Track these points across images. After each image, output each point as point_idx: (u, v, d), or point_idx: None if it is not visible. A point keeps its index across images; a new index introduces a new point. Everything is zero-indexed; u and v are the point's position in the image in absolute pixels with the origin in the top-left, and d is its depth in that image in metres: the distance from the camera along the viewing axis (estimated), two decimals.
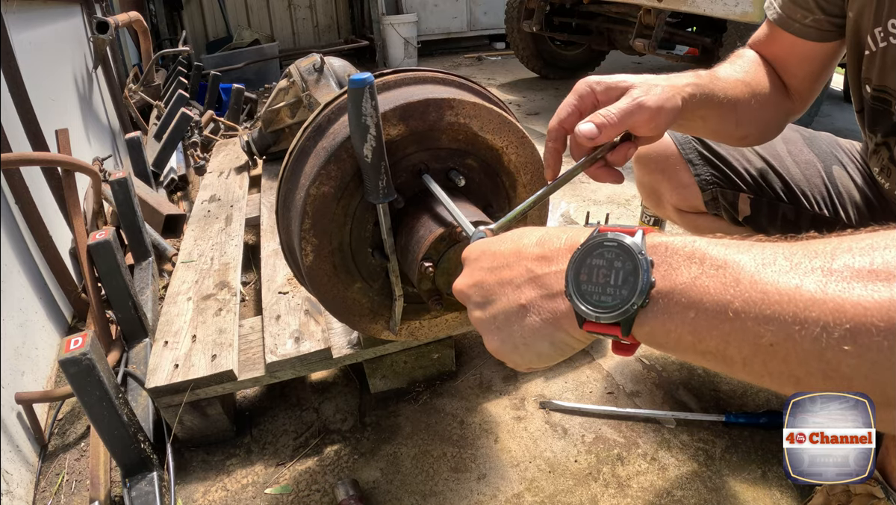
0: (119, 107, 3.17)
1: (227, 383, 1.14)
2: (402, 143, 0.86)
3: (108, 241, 1.29)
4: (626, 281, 0.40)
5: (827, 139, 1.12)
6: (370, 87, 0.75)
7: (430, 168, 0.89)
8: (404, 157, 0.88)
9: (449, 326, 1.10)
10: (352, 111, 0.77)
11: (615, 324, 0.41)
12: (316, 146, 0.89)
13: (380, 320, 1.03)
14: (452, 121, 0.86)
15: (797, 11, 0.86)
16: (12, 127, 1.57)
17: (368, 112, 0.76)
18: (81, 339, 0.92)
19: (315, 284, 0.94)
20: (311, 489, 1.11)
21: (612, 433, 1.19)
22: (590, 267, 0.42)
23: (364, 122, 0.76)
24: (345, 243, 0.92)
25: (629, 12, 3.27)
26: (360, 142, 0.78)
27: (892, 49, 0.77)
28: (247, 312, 1.67)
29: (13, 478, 1.08)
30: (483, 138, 0.90)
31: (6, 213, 1.42)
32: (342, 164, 0.85)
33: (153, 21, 4.93)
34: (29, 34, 2.01)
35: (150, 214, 1.96)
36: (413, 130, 0.85)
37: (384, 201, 0.84)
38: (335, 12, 6.27)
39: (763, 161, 1.06)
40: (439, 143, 0.88)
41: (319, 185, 0.85)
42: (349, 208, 0.89)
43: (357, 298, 0.99)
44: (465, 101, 0.86)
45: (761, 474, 1.08)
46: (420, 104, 0.84)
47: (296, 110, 2.12)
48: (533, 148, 0.95)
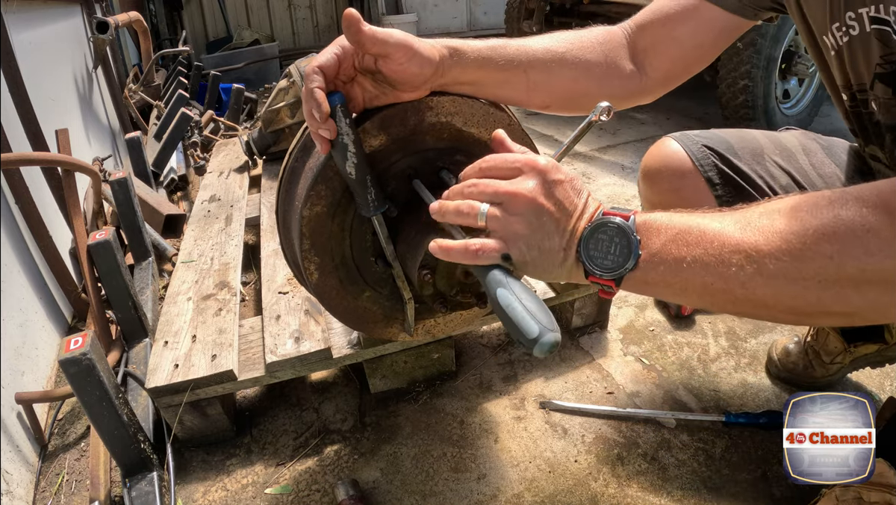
0: (119, 107, 3.17)
1: (227, 383, 1.14)
2: (385, 152, 0.84)
3: (108, 242, 1.29)
4: (622, 252, 0.59)
5: (842, 146, 1.04)
6: (342, 106, 0.73)
7: (419, 172, 0.88)
8: (391, 165, 0.87)
9: (465, 321, 1.09)
10: None
11: (611, 279, 0.59)
12: (304, 167, 0.89)
13: (394, 324, 1.03)
14: (434, 121, 0.85)
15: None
16: (12, 127, 1.57)
17: (344, 131, 0.74)
18: (81, 339, 0.92)
19: (325, 300, 0.94)
20: (311, 489, 1.11)
21: (612, 433, 1.19)
22: (597, 240, 0.60)
23: (341, 140, 0.75)
24: (347, 257, 0.92)
25: (629, 12, 3.27)
26: (341, 161, 0.77)
27: (855, 41, 0.73)
28: (247, 312, 1.67)
29: (13, 478, 1.08)
30: (468, 133, 0.88)
31: (6, 213, 1.42)
32: (330, 182, 0.84)
33: (153, 21, 4.93)
34: (29, 34, 2.01)
35: (150, 214, 1.96)
36: (395, 138, 0.84)
37: (376, 214, 0.83)
38: (335, 12, 6.27)
39: (788, 177, 0.97)
40: (425, 144, 0.87)
41: (311, 205, 0.85)
42: (345, 223, 0.89)
43: (368, 307, 0.99)
44: (443, 98, 0.84)
45: (761, 474, 1.08)
46: (398, 111, 0.82)
47: (296, 110, 2.12)
48: (522, 133, 0.92)
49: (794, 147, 0.99)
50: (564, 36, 0.88)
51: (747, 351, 1.40)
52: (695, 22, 0.87)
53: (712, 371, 1.35)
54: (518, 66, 0.82)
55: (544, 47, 0.84)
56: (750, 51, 2.61)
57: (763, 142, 0.98)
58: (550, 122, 3.44)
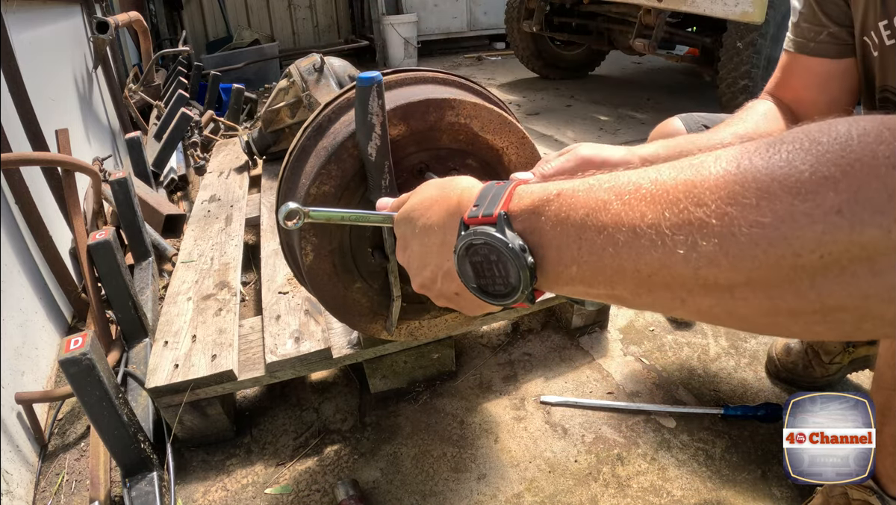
0: (119, 107, 3.17)
1: (227, 383, 1.14)
2: (402, 142, 0.86)
3: (108, 242, 1.29)
4: (507, 272, 0.42)
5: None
6: (378, 85, 0.75)
7: (430, 168, 0.89)
8: (405, 156, 0.88)
9: (448, 326, 1.10)
10: (358, 109, 0.77)
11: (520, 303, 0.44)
12: (316, 146, 0.90)
13: (379, 320, 1.03)
14: (453, 121, 0.86)
15: (810, 31, 0.88)
16: (12, 127, 1.57)
17: (374, 111, 0.76)
18: (81, 339, 0.92)
19: (315, 284, 0.94)
20: (311, 489, 1.11)
21: (612, 433, 1.19)
22: (474, 265, 0.45)
23: (370, 120, 0.76)
24: (345, 243, 0.92)
25: (629, 12, 3.27)
26: (364, 140, 0.78)
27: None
28: (247, 312, 1.67)
29: (13, 478, 1.08)
30: (483, 139, 0.90)
31: (6, 213, 1.42)
32: (342, 163, 0.85)
33: (153, 21, 4.93)
34: (29, 34, 2.01)
35: (150, 214, 1.96)
36: (414, 130, 0.85)
37: None
38: (335, 12, 6.27)
39: None
40: (440, 143, 0.88)
41: (320, 184, 0.85)
42: (349, 207, 0.89)
43: (357, 298, 0.98)
44: (466, 101, 0.86)
45: (761, 474, 1.08)
46: (421, 104, 0.84)
47: (296, 110, 2.13)
48: (533, 148, 0.95)
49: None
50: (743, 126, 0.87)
51: (747, 351, 1.40)
52: (814, 79, 0.90)
53: (712, 371, 1.35)
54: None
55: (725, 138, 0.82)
56: (750, 51, 2.61)
57: None
58: (550, 122, 3.45)
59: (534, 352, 1.42)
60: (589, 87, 4.30)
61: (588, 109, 3.69)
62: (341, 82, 2.07)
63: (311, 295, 1.24)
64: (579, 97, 4.01)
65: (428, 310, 1.04)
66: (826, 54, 0.88)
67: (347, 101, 0.90)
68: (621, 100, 3.89)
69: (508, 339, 1.47)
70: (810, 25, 0.88)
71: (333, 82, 2.03)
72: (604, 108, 3.71)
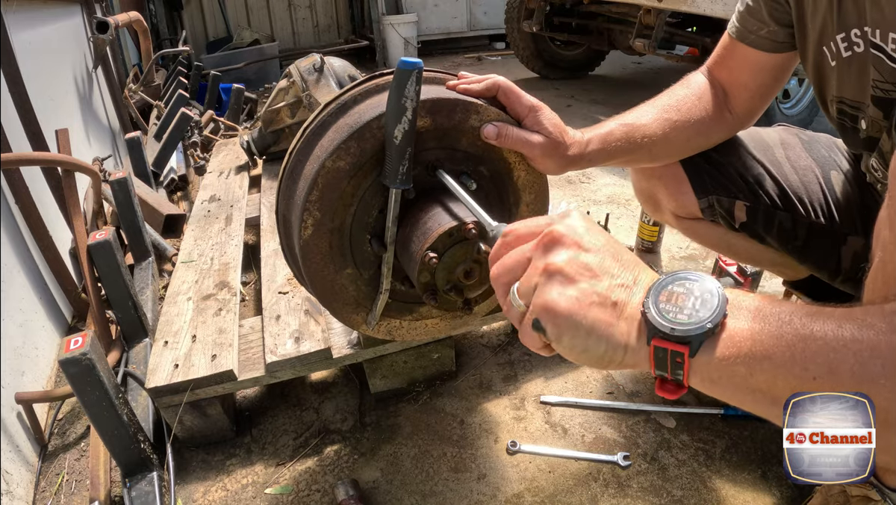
0: (119, 107, 3.17)
1: (227, 383, 1.14)
2: (424, 136, 0.87)
3: (108, 242, 1.29)
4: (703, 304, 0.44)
5: (826, 142, 1.11)
6: (418, 71, 0.76)
7: (443, 167, 0.90)
8: (423, 150, 0.88)
9: (428, 332, 1.08)
10: (393, 92, 0.78)
11: (685, 342, 0.44)
12: (337, 121, 0.89)
13: (361, 312, 1.02)
14: (476, 125, 0.87)
15: (754, 24, 0.94)
16: (12, 127, 1.57)
17: (410, 95, 0.77)
18: (81, 339, 0.92)
19: (307, 261, 0.92)
20: (311, 489, 1.11)
21: (612, 433, 1.19)
22: (670, 292, 0.46)
23: (403, 103, 0.77)
24: (346, 225, 0.92)
25: (629, 12, 3.27)
26: (393, 122, 0.79)
27: (857, 58, 0.78)
28: (247, 312, 1.67)
29: (13, 478, 1.08)
30: (499, 149, 0.91)
31: (6, 213, 1.42)
32: (364, 143, 0.85)
33: (153, 21, 4.93)
34: (29, 34, 2.01)
35: (150, 214, 1.96)
36: (437, 126, 0.86)
37: (400, 188, 0.84)
38: (335, 12, 6.27)
39: (761, 167, 1.06)
40: (458, 144, 0.89)
41: (336, 158, 0.85)
42: (359, 189, 0.89)
43: (345, 284, 0.97)
44: (491, 109, 0.87)
45: (761, 474, 1.08)
46: (449, 102, 0.85)
47: (296, 110, 2.13)
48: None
49: (772, 141, 1.10)
50: (671, 102, 0.98)
51: None
52: (748, 66, 0.98)
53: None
54: (642, 146, 0.93)
55: (661, 119, 0.95)
56: None
57: (741, 136, 1.09)
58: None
59: (534, 352, 1.42)
60: (589, 87, 4.30)
61: (588, 109, 3.69)
62: (341, 82, 2.07)
63: (310, 295, 1.23)
64: (579, 97, 4.01)
65: (411, 311, 1.03)
66: (762, 48, 0.95)
67: (376, 86, 0.91)
68: (621, 100, 3.89)
69: (508, 339, 1.47)
70: (754, 20, 0.94)
71: (333, 82, 2.03)
72: (604, 108, 3.71)
